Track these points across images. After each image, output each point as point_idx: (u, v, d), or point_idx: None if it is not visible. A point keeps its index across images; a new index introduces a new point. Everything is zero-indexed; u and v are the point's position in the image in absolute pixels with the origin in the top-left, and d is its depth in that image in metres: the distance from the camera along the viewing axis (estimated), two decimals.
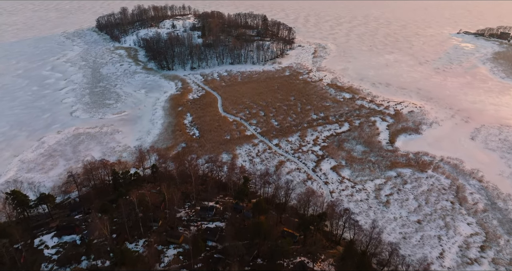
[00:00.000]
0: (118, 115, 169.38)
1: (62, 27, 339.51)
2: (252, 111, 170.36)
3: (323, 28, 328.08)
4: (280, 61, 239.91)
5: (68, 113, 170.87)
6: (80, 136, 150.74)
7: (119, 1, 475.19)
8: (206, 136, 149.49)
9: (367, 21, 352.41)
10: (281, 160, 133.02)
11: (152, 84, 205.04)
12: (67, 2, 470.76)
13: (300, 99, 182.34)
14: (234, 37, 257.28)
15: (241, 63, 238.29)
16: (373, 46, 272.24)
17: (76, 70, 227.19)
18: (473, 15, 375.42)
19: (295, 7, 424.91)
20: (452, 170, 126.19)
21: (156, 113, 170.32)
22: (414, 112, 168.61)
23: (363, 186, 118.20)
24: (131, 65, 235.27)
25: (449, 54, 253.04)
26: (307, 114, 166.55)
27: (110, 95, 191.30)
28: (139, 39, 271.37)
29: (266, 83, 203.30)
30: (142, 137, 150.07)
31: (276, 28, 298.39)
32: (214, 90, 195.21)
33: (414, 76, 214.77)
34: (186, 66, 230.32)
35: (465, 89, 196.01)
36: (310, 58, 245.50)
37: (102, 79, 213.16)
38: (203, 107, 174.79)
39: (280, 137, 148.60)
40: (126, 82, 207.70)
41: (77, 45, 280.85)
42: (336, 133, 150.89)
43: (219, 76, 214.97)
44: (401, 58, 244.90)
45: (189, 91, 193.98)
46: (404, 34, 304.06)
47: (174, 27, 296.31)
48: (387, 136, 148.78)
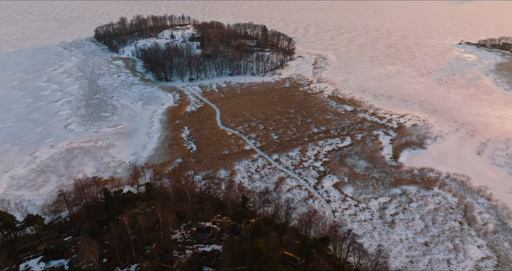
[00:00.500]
0: (113, 128, 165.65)
1: (60, 37, 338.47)
2: (252, 124, 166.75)
3: (323, 38, 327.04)
4: (280, 72, 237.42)
5: (62, 127, 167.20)
6: (74, 150, 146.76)
7: (119, 11, 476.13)
8: (203, 150, 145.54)
9: (367, 31, 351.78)
10: (281, 176, 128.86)
11: (149, 96, 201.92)
12: (67, 12, 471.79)
13: (300, 112, 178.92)
14: (233, 48, 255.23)
15: (240, 74, 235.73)
16: (374, 57, 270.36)
17: (72, 82, 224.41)
18: (474, 26, 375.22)
19: (295, 17, 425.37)
20: (459, 187, 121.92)
21: (152, 127, 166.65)
22: (418, 125, 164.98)
23: (367, 205, 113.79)
24: (128, 76, 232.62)
25: (452, 65, 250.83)
26: (308, 128, 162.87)
27: (106, 107, 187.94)
28: (137, 49, 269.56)
29: (265, 95, 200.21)
30: (137, 151, 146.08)
31: (276, 38, 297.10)
32: (213, 102, 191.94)
33: (417, 88, 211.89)
34: (185, 77, 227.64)
35: (469, 101, 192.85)
36: (311, 69, 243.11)
37: (99, 90, 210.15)
38: (201, 120, 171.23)
39: (280, 151, 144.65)
40: (123, 94, 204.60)
41: (75, 55, 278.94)
42: (338, 148, 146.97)
43: (218, 88, 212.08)
44: (403, 69, 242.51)
45: (187, 104, 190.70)
46: (405, 45, 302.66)
47: (173, 38, 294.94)
48: (390, 151, 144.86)
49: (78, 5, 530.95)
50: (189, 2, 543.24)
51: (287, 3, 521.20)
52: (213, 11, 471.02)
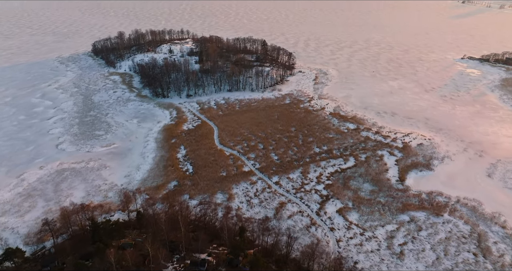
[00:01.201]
0: (107, 148, 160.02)
1: (57, 51, 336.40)
2: (251, 143, 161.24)
3: (324, 53, 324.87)
4: (280, 88, 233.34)
5: (53, 146, 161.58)
6: (64, 171, 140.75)
7: (118, 25, 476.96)
8: (200, 172, 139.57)
9: (368, 46, 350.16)
10: (281, 201, 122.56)
11: (145, 113, 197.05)
12: (66, 26, 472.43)
13: (301, 130, 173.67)
14: (232, 63, 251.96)
15: (239, 90, 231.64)
16: (376, 72, 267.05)
17: (67, 98, 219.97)
18: (476, 40, 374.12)
19: (295, 31, 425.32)
20: (470, 213, 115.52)
21: (147, 146, 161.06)
22: (424, 145, 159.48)
23: (373, 233, 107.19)
24: (124, 92, 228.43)
25: (455, 80, 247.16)
26: (309, 148, 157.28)
27: (101, 125, 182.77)
28: (134, 64, 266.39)
29: (265, 112, 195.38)
30: (131, 173, 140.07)
31: (275, 53, 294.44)
32: (211, 120, 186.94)
33: (421, 104, 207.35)
34: (182, 93, 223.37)
35: (476, 119, 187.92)
36: (311, 85, 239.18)
37: (94, 107, 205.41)
38: (198, 139, 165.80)
39: (280, 173, 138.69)
40: (118, 111, 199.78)
41: (71, 70, 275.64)
42: (341, 170, 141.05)
43: (216, 105, 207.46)
44: (406, 85, 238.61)
45: (184, 121, 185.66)
46: (407, 60, 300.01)
47: (171, 52, 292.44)
48: (396, 173, 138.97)
49: (77, 18, 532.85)
50: (188, 16, 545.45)
51: (287, 17, 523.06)
52: (213, 25, 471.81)
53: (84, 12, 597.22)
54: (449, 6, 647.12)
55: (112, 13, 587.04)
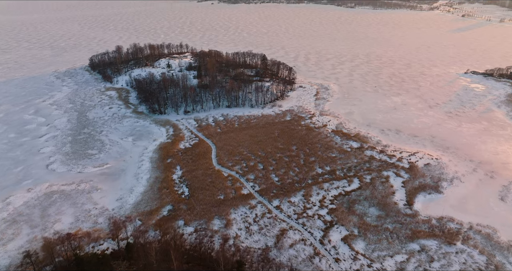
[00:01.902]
0: (99, 168, 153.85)
1: (54, 65, 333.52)
2: (250, 163, 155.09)
3: (325, 67, 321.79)
4: (280, 104, 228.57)
5: (43, 166, 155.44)
6: (53, 194, 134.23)
7: (117, 39, 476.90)
8: (196, 195, 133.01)
9: (369, 60, 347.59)
10: (282, 227, 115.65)
11: (141, 131, 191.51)
12: (64, 40, 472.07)
13: (303, 149, 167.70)
14: (231, 79, 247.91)
15: (238, 106, 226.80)
16: (378, 87, 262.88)
17: (61, 114, 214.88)
18: (478, 54, 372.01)
19: (295, 45, 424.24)
20: (485, 242, 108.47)
21: (142, 166, 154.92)
22: (431, 165, 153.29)
23: (382, 265, 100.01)
24: (120, 108, 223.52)
25: (460, 96, 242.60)
26: (311, 168, 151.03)
27: (94, 143, 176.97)
28: (131, 79, 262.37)
29: (265, 130, 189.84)
30: (123, 196, 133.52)
31: (276, 67, 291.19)
32: (209, 138, 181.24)
33: (425, 121, 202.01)
34: (180, 109, 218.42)
35: (483, 137, 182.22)
36: (312, 101, 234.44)
37: (88, 124, 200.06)
38: (195, 158, 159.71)
39: (281, 196, 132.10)
40: (113, 129, 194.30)
41: (67, 85, 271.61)
42: (345, 192, 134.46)
43: (215, 122, 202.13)
44: (409, 101, 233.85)
45: (180, 139, 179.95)
46: (410, 74, 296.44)
47: (169, 67, 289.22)
48: (403, 196, 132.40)
49: (76, 32, 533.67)
50: (188, 30, 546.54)
51: (287, 31, 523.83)
52: (212, 39, 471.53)
53: (83, 26, 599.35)
54: (449, 19, 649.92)
55: (112, 26, 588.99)
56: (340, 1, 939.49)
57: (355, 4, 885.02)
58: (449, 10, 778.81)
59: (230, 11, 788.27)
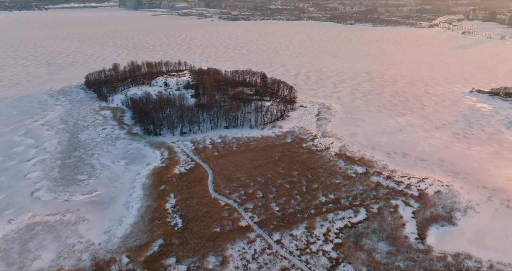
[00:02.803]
0: (88, 196, 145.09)
1: (49, 83, 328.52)
2: (249, 191, 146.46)
3: (326, 85, 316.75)
4: (280, 124, 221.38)
5: (28, 194, 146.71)
6: (35, 226, 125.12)
7: (115, 56, 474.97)
8: (190, 227, 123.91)
9: (371, 78, 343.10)
10: (284, 265, 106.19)
11: (134, 154, 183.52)
12: (62, 57, 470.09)
13: (305, 175, 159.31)
14: (230, 98, 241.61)
15: (237, 127, 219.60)
16: (381, 107, 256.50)
17: (52, 136, 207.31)
18: (482, 72, 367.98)
19: (295, 62, 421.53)
20: None
21: (133, 194, 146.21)
22: (442, 193, 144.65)
23: None
24: (114, 129, 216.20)
25: (467, 116, 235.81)
26: (314, 196, 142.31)
27: (84, 168, 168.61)
28: (127, 98, 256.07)
29: (265, 153, 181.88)
30: (111, 228, 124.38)
31: (276, 86, 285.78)
32: (205, 162, 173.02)
33: (433, 143, 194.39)
34: (176, 131, 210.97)
35: (495, 161, 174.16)
36: (314, 121, 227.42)
37: (79, 147, 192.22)
38: (191, 185, 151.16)
39: (282, 229, 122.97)
40: (105, 151, 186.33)
41: (60, 104, 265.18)
42: (352, 224, 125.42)
43: (212, 144, 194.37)
44: (415, 122, 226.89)
45: (176, 163, 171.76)
46: (413, 93, 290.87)
47: (166, 85, 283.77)
48: (414, 228, 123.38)
49: (74, 49, 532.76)
50: (187, 47, 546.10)
51: (287, 48, 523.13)
52: (211, 56, 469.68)
53: (82, 42, 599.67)
54: (450, 37, 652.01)
55: (111, 43, 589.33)
56: (340, 18, 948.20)
57: (354, 21, 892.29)
58: (449, 27, 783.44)
59: (230, 28, 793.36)
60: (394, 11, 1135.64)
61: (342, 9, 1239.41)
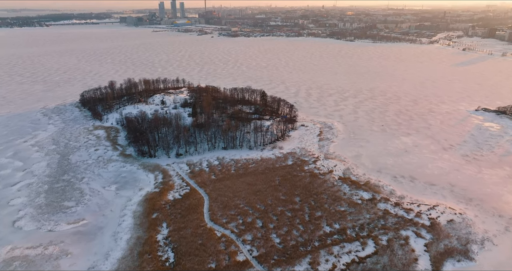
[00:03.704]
0: (74, 225, 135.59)
1: (44, 101, 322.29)
2: (247, 220, 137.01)
3: (327, 103, 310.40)
4: (281, 145, 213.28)
5: (9, 223, 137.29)
6: (13, 261, 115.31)
7: (113, 72, 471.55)
8: (183, 262, 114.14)
9: (373, 95, 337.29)
10: None
11: (126, 178, 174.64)
12: (59, 74, 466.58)
13: (307, 201, 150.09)
14: (228, 118, 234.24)
15: (236, 147, 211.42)
16: (385, 126, 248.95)
17: (41, 157, 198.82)
18: (486, 89, 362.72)
19: (296, 79, 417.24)
20: None
21: (123, 223, 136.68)
22: (455, 222, 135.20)
23: None
24: (107, 150, 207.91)
25: (474, 136, 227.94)
26: (317, 226, 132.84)
27: (72, 193, 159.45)
28: (122, 117, 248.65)
29: (265, 177, 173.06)
30: (97, 263, 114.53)
31: (276, 104, 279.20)
32: (201, 187, 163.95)
33: (441, 166, 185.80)
34: (171, 152, 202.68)
35: (509, 185, 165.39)
36: (316, 142, 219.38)
37: (69, 169, 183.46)
38: (185, 213, 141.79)
39: (283, 264, 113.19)
40: (96, 175, 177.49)
41: (53, 123, 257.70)
42: (359, 259, 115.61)
43: (209, 166, 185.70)
44: (421, 142, 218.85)
45: (170, 188, 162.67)
46: (417, 111, 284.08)
47: (163, 104, 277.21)
48: (428, 263, 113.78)
49: (72, 65, 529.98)
50: (186, 63, 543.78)
51: (287, 65, 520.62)
52: (210, 73, 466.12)
53: (80, 59, 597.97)
54: (450, 53, 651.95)
55: (109, 59, 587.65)
56: (339, 34, 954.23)
57: (354, 37, 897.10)
58: (449, 44, 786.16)
59: (229, 44, 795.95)
60: (393, 27, 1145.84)
61: (342, 25, 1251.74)
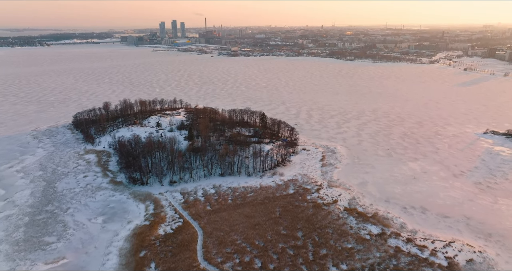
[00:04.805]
0: (52, 266, 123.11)
1: (35, 123, 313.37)
2: (245, 259, 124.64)
3: (329, 125, 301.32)
4: (281, 171, 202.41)
5: None
6: None
7: (110, 92, 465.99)
8: None
9: (376, 117, 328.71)
10: None
11: (115, 208, 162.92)
12: (54, 94, 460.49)
13: (311, 236, 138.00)
14: (226, 143, 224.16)
15: (233, 174, 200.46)
16: (391, 150, 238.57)
17: (25, 185, 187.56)
18: (492, 111, 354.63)
19: (296, 100, 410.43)
20: None
21: (107, 263, 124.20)
22: (475, 262, 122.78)
23: None
24: (97, 177, 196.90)
25: (486, 162, 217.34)
26: (323, 267, 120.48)
27: (55, 227, 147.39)
28: (115, 141, 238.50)
29: (264, 207, 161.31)
30: None
31: (276, 127, 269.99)
32: (196, 219, 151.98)
33: (454, 195, 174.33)
34: (165, 179, 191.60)
35: None
36: (318, 167, 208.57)
37: (54, 199, 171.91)
38: (176, 251, 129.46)
39: None
40: (83, 205, 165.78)
41: (43, 147, 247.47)
42: None
43: (204, 195, 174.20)
44: (429, 168, 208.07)
45: (161, 221, 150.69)
46: (423, 134, 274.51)
47: (159, 126, 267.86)
48: None
49: (69, 85, 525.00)
50: (185, 83, 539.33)
51: (287, 84, 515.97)
52: (209, 93, 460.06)
53: (78, 78, 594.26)
54: (452, 73, 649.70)
55: (107, 79, 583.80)
56: (339, 54, 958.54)
57: (354, 57, 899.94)
58: (450, 63, 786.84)
59: (229, 64, 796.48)
60: (392, 47, 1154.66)
61: (341, 45, 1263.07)
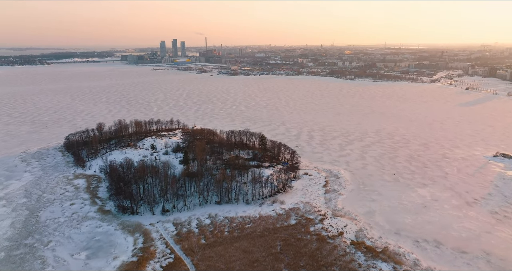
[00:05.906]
0: None
1: (26, 144, 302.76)
2: None
3: (332, 147, 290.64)
4: (282, 199, 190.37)
5: None
6: None
7: (106, 112, 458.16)
8: None
9: (380, 138, 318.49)
10: None
11: (101, 241, 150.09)
12: (49, 114, 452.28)
13: None
14: (224, 165, 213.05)
15: (231, 201, 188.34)
16: (397, 175, 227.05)
17: (6, 214, 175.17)
18: (500, 132, 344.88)
19: (297, 120, 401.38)
20: None
21: None
22: None
23: None
24: (84, 204, 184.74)
25: (499, 188, 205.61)
26: None
27: (32, 264, 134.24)
28: (106, 165, 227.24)
29: (264, 241, 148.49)
30: None
31: (276, 149, 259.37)
32: (188, 255, 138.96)
33: (469, 227, 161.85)
34: (157, 208, 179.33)
35: None
36: (321, 194, 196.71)
37: (35, 230, 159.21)
38: None
39: None
40: (66, 237, 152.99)
41: (30, 171, 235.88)
42: None
43: (199, 227, 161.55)
44: (440, 195, 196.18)
45: (150, 257, 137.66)
46: (430, 157, 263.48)
47: (153, 148, 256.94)
48: None
49: (64, 105, 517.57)
50: (183, 103, 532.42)
51: (287, 104, 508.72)
52: (208, 113, 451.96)
53: (75, 97, 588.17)
54: (454, 92, 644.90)
55: (104, 98, 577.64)
56: (339, 73, 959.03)
57: (354, 76, 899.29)
58: (451, 83, 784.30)
59: (228, 83, 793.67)
60: (392, 66, 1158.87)
61: (341, 64, 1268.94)
